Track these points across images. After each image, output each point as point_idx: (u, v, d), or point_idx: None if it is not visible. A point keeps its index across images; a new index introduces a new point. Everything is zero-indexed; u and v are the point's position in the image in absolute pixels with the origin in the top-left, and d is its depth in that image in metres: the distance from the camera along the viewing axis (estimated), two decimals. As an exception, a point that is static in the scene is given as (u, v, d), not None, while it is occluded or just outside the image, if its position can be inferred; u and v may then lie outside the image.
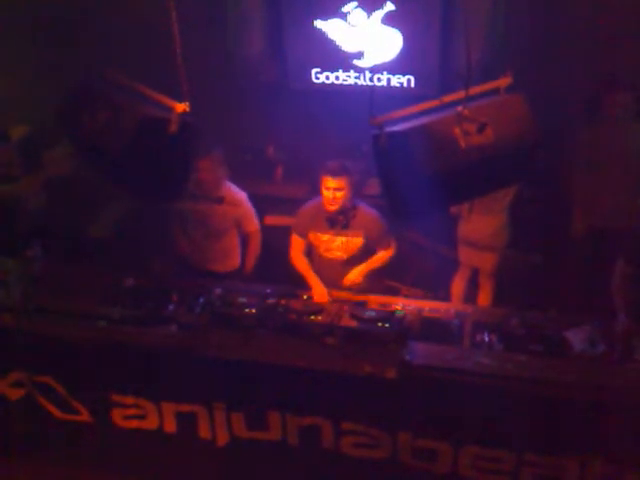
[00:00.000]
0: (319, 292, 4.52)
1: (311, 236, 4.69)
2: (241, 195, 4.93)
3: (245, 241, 5.06)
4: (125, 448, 4.35)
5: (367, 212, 4.60)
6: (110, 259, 5.39)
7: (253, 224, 4.97)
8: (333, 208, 4.49)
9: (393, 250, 4.70)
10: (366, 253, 4.67)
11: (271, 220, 6.04)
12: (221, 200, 4.82)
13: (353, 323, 4.02)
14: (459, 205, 5.19)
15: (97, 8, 5.84)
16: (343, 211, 4.52)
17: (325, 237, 4.65)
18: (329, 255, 4.69)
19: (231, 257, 5.08)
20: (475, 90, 3.39)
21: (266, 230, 5.63)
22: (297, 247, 4.76)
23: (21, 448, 4.50)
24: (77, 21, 5.87)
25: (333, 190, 4.41)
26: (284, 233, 4.91)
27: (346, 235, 4.59)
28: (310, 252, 4.80)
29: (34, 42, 6.02)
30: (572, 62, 5.47)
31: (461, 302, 5.54)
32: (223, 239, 4.97)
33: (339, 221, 4.56)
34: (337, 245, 4.64)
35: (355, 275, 4.60)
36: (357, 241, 4.60)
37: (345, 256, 4.66)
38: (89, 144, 3.84)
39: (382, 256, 4.68)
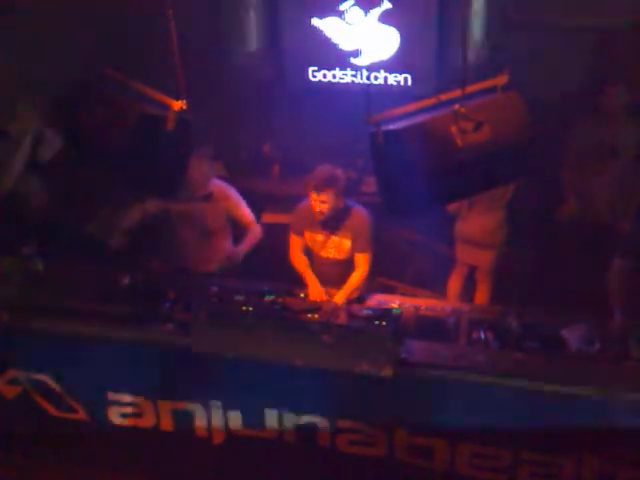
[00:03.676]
0: (315, 291, 4.52)
1: (307, 235, 4.69)
2: (230, 189, 4.92)
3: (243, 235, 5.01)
4: (121, 446, 4.34)
5: (357, 214, 4.58)
6: (107, 257, 5.38)
7: (247, 215, 4.93)
8: (320, 217, 4.49)
9: (367, 263, 4.62)
10: None
11: (268, 218, 6.04)
12: (209, 196, 4.82)
13: (350, 321, 4.03)
14: (458, 203, 5.20)
15: (95, 5, 5.83)
16: (334, 214, 4.51)
17: (319, 237, 4.65)
18: (325, 254, 4.69)
19: (224, 257, 5.07)
20: (472, 88, 3.40)
21: (263, 228, 5.62)
22: (295, 246, 4.75)
23: (17, 446, 4.50)
24: (75, 19, 5.85)
25: (319, 202, 4.42)
26: (281, 231, 4.91)
27: (337, 236, 4.60)
28: (308, 251, 4.80)
29: (33, 40, 6.00)
30: (569, 60, 5.47)
31: (457, 300, 5.55)
32: (216, 238, 4.95)
33: (330, 223, 4.56)
34: (331, 245, 4.64)
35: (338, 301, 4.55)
36: (347, 243, 4.59)
37: (339, 256, 4.66)
38: (87, 141, 3.85)
39: (357, 277, 4.61)
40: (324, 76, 6.14)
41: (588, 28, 5.35)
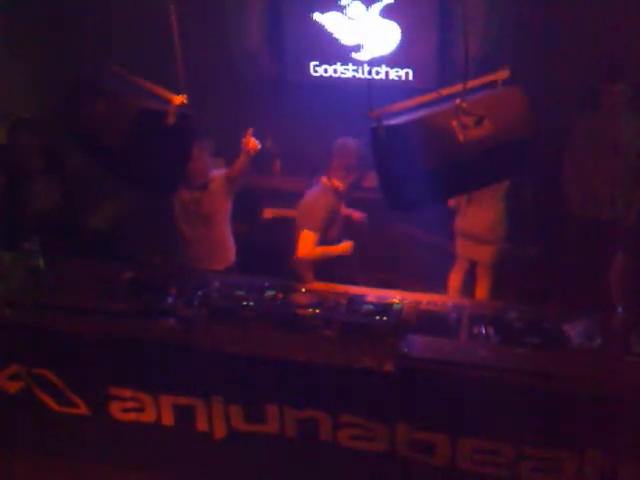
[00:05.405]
0: (341, 248, 4.64)
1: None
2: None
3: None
4: (123, 441, 4.35)
5: None
6: (110, 252, 5.39)
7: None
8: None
9: None
10: None
11: (269, 213, 6.04)
12: (205, 186, 4.85)
13: (351, 316, 4.03)
14: (457, 198, 5.20)
15: (97, 1, 5.83)
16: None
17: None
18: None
19: (225, 250, 5.07)
20: (473, 83, 3.39)
21: (264, 223, 5.63)
22: (313, 243, 4.66)
23: (19, 441, 4.51)
24: (77, 14, 5.85)
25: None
26: (282, 226, 4.91)
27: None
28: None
29: (36, 36, 6.01)
30: (570, 54, 5.47)
31: (458, 295, 5.55)
32: (215, 228, 4.95)
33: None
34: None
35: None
36: None
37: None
38: (89, 136, 3.85)
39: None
40: (325, 71, 6.14)
41: (590, 21, 5.34)
